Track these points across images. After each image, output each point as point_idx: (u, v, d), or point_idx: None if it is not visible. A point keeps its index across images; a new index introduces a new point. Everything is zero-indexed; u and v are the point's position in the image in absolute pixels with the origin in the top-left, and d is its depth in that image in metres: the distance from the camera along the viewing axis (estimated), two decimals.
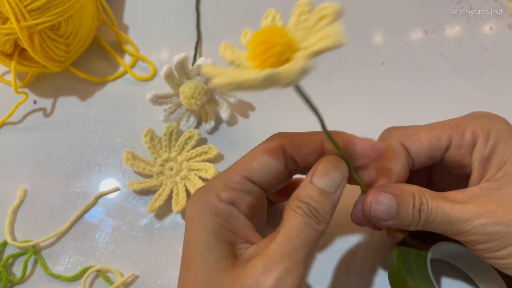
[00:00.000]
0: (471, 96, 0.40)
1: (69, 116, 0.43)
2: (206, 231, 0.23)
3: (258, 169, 0.25)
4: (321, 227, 0.23)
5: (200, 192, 0.25)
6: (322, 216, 0.23)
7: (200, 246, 0.23)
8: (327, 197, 0.23)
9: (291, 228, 0.22)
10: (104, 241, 0.37)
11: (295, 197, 0.23)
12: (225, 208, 0.24)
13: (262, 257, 0.22)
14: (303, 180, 0.24)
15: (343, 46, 0.17)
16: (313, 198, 0.23)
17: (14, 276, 0.36)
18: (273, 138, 0.26)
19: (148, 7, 0.48)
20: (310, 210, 0.22)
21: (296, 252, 0.21)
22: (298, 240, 0.22)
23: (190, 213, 0.24)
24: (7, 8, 0.35)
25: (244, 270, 0.22)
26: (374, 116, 0.40)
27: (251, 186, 0.25)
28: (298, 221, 0.22)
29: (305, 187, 0.23)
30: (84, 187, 0.39)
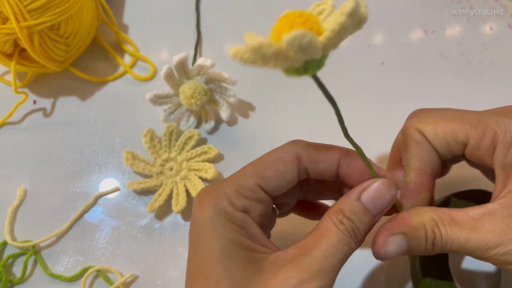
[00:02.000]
0: (471, 96, 0.40)
1: (69, 116, 0.43)
2: (225, 239, 0.22)
3: (272, 178, 0.24)
4: (355, 246, 0.22)
5: (211, 196, 0.23)
6: (362, 236, 0.22)
7: (219, 253, 0.22)
8: (370, 219, 0.23)
9: (330, 245, 0.21)
10: (104, 241, 0.37)
11: (338, 210, 0.23)
12: (241, 216, 0.23)
13: (296, 268, 0.21)
14: (349, 193, 0.23)
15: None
16: (358, 216, 0.22)
17: (14, 276, 0.36)
18: (290, 147, 0.25)
19: (148, 7, 0.48)
20: (353, 228, 0.22)
21: (332, 270, 0.21)
22: (335, 259, 0.21)
23: (203, 218, 0.23)
24: (7, 8, 0.35)
25: (274, 278, 0.21)
26: (374, 116, 0.40)
27: (263, 195, 0.24)
28: (338, 239, 0.22)
29: (352, 202, 0.23)
30: (84, 187, 0.39)
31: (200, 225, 0.23)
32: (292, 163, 0.24)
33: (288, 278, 0.21)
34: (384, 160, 0.38)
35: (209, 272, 0.22)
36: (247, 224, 0.23)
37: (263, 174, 0.24)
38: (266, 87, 0.42)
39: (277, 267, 0.21)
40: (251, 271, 0.21)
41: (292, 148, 0.25)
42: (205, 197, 0.23)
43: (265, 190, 0.24)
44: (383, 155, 0.38)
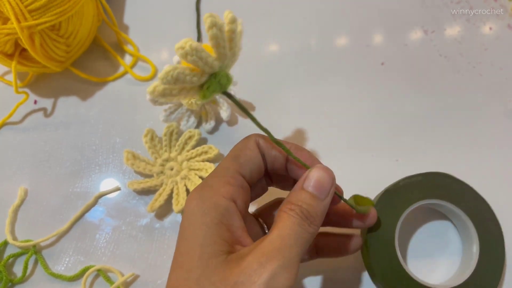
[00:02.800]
0: (471, 96, 0.40)
1: (70, 116, 0.43)
2: (204, 226, 0.23)
3: (245, 164, 0.26)
4: (311, 229, 0.23)
5: (198, 190, 0.25)
6: (314, 218, 0.24)
7: (195, 241, 0.23)
8: (318, 202, 0.24)
9: (284, 228, 0.23)
10: (105, 240, 0.37)
11: (287, 201, 0.24)
12: (224, 203, 0.24)
13: (255, 254, 0.22)
14: (294, 187, 0.25)
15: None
16: (305, 201, 0.24)
17: (15, 276, 0.36)
18: (250, 136, 0.27)
19: (148, 7, 0.48)
20: (302, 211, 0.23)
21: (290, 250, 0.22)
22: (291, 240, 0.22)
23: (188, 210, 0.24)
24: (8, 8, 0.35)
25: (237, 267, 0.22)
26: (374, 115, 0.40)
27: (242, 181, 0.26)
28: (291, 222, 0.23)
29: (297, 192, 0.24)
30: (85, 187, 0.39)
31: (185, 216, 0.24)
32: (256, 149, 0.27)
33: (248, 263, 0.21)
34: (382, 158, 0.38)
35: (183, 261, 0.23)
36: (230, 213, 0.24)
37: (238, 161, 0.26)
38: (266, 87, 0.42)
39: (242, 257, 0.22)
40: (220, 260, 0.22)
41: (252, 137, 0.27)
42: (193, 191, 0.25)
43: (243, 176, 0.26)
44: (382, 155, 0.38)
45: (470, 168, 0.37)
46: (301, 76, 0.42)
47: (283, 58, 0.44)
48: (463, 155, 0.38)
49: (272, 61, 0.43)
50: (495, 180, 0.37)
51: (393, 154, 0.38)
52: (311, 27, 0.45)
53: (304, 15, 0.46)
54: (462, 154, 0.38)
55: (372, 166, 0.38)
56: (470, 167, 0.37)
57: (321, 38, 0.44)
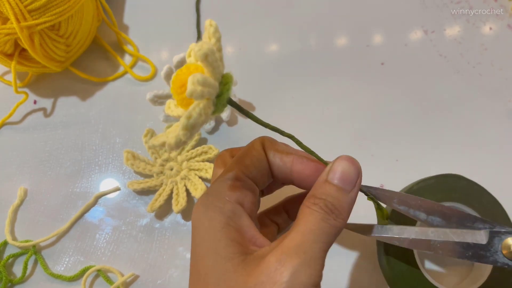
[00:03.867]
0: (471, 96, 0.40)
1: (69, 116, 0.43)
2: (211, 230, 0.22)
3: (251, 165, 0.25)
4: (338, 223, 0.22)
5: (203, 197, 0.24)
6: (339, 211, 0.22)
7: (207, 247, 0.22)
8: (344, 195, 0.23)
9: (306, 224, 0.21)
10: (104, 241, 0.37)
11: (310, 196, 0.23)
12: (230, 207, 0.23)
13: (275, 253, 0.21)
14: (317, 180, 0.24)
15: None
16: (330, 195, 0.22)
17: (15, 276, 0.36)
18: (258, 139, 0.27)
19: (148, 7, 0.48)
20: (327, 205, 0.22)
21: (311, 246, 0.21)
22: (313, 235, 0.21)
23: (195, 218, 0.23)
24: (7, 8, 0.35)
25: (257, 267, 0.21)
26: (373, 116, 0.40)
27: (250, 183, 0.25)
28: (314, 217, 0.22)
29: (321, 185, 0.23)
30: (84, 187, 0.39)
31: (193, 226, 0.24)
32: (261, 150, 0.26)
33: (268, 263, 0.20)
34: (382, 158, 0.38)
35: (200, 269, 0.22)
36: (237, 215, 0.23)
37: (244, 163, 0.25)
38: (266, 87, 0.42)
39: (261, 257, 0.21)
40: (238, 261, 0.21)
41: (258, 139, 0.26)
42: (199, 200, 0.24)
43: (249, 178, 0.25)
44: (382, 154, 0.38)
45: (470, 168, 0.37)
46: (301, 76, 0.42)
47: (283, 58, 0.44)
48: (463, 155, 0.38)
49: (272, 61, 0.43)
50: (495, 180, 0.37)
51: (393, 154, 0.38)
52: (311, 27, 0.45)
53: (304, 15, 0.46)
54: (462, 154, 0.38)
55: (371, 166, 0.38)
56: (470, 167, 0.37)
57: (321, 38, 0.44)
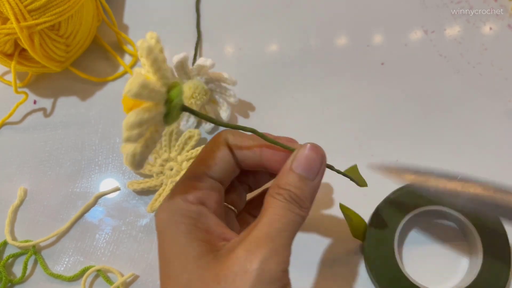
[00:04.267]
0: (471, 96, 0.40)
1: (69, 116, 0.43)
2: (178, 235, 0.22)
3: (214, 165, 0.25)
4: (302, 212, 0.22)
5: (165, 201, 0.24)
6: (303, 201, 0.23)
7: (175, 250, 0.22)
8: (307, 184, 0.23)
9: (272, 213, 0.22)
10: (104, 241, 0.37)
11: (274, 185, 0.23)
12: (194, 209, 0.23)
13: (244, 243, 0.21)
14: (282, 168, 0.24)
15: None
16: (293, 185, 0.22)
17: (14, 276, 0.36)
18: (219, 134, 0.26)
19: (148, 7, 0.48)
20: (290, 196, 0.22)
21: (279, 235, 0.21)
22: (280, 224, 0.21)
23: (159, 223, 0.23)
24: (7, 8, 0.35)
25: (227, 260, 0.21)
26: (373, 116, 0.40)
27: (212, 182, 0.25)
28: (279, 207, 0.22)
29: (285, 174, 0.23)
30: (84, 187, 0.39)
31: (158, 230, 0.23)
32: (224, 147, 0.25)
33: (237, 254, 0.21)
34: (382, 158, 0.38)
35: (169, 271, 0.22)
36: (203, 216, 0.23)
37: (206, 163, 0.25)
38: (266, 87, 0.42)
39: (231, 250, 0.21)
40: (208, 259, 0.22)
41: (221, 135, 0.26)
42: (161, 204, 0.24)
43: (213, 178, 0.25)
44: (382, 154, 0.38)
45: (470, 169, 0.37)
46: (301, 76, 0.42)
47: (283, 58, 0.44)
48: (463, 156, 0.38)
49: (272, 61, 0.43)
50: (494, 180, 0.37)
51: (393, 154, 0.38)
52: (311, 27, 0.45)
53: (304, 15, 0.46)
54: (462, 155, 0.38)
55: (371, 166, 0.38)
56: (470, 167, 0.37)
57: (321, 38, 0.44)
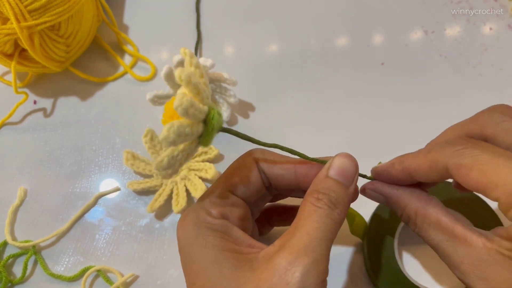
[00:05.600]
0: (471, 97, 0.40)
1: (69, 116, 0.43)
2: (210, 247, 0.22)
3: (239, 183, 0.25)
4: (340, 217, 0.22)
5: (189, 214, 0.24)
6: (342, 206, 0.23)
7: (208, 262, 0.22)
8: (344, 190, 0.23)
9: (311, 221, 0.22)
10: (104, 241, 0.37)
11: (313, 191, 0.23)
12: (218, 222, 0.23)
13: (283, 253, 0.21)
14: (317, 177, 0.24)
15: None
16: (333, 189, 0.23)
17: (14, 276, 0.36)
18: (249, 153, 0.26)
19: (148, 7, 0.48)
20: (331, 200, 0.22)
21: (319, 245, 0.21)
22: (320, 233, 0.21)
23: (186, 236, 0.23)
24: (7, 8, 0.35)
25: (266, 269, 0.21)
26: (374, 116, 0.40)
27: (235, 199, 0.25)
28: (318, 214, 0.22)
29: (323, 181, 0.23)
30: (84, 187, 0.39)
31: (185, 243, 0.23)
32: (253, 167, 0.26)
33: (278, 263, 0.20)
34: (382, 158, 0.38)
35: (203, 282, 0.22)
36: (228, 229, 0.23)
37: (230, 181, 0.25)
38: (266, 87, 0.42)
39: (267, 259, 0.21)
40: (243, 270, 0.21)
41: (252, 153, 0.26)
42: (185, 217, 0.24)
43: (236, 195, 0.25)
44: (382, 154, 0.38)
45: None
46: (301, 76, 0.42)
47: (283, 58, 0.43)
48: None
49: (272, 61, 0.43)
50: None
51: (393, 154, 0.38)
52: (311, 27, 0.45)
53: (304, 15, 0.46)
54: None
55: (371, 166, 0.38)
56: None
57: (321, 38, 0.44)
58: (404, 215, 0.25)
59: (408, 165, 0.25)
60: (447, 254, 0.22)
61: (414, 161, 0.24)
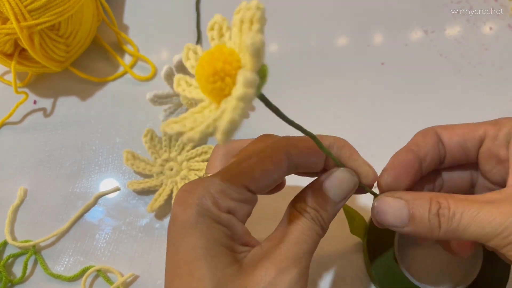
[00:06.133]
0: (471, 96, 0.40)
1: (69, 116, 0.43)
2: (209, 238, 0.22)
3: (260, 178, 0.23)
4: (322, 233, 0.23)
5: (194, 195, 0.22)
6: (326, 223, 0.23)
7: (203, 252, 0.21)
8: (332, 207, 0.23)
9: (299, 232, 0.22)
10: (104, 241, 0.37)
11: (302, 199, 0.23)
12: (226, 218, 0.22)
13: (273, 260, 0.21)
14: (313, 182, 0.24)
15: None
16: (321, 206, 0.23)
17: (14, 276, 0.36)
18: (279, 146, 0.24)
19: (148, 7, 0.48)
20: (317, 217, 0.23)
21: (305, 257, 0.22)
22: (306, 246, 0.22)
23: (185, 218, 0.22)
24: (7, 8, 0.35)
25: (255, 274, 0.21)
26: (374, 116, 0.40)
27: (249, 195, 0.23)
28: (306, 227, 0.22)
29: (315, 192, 0.23)
30: (84, 187, 0.39)
31: (182, 224, 0.22)
32: (282, 162, 0.24)
33: (266, 270, 0.21)
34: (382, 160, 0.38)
35: (191, 270, 0.21)
36: (233, 225, 0.22)
37: (250, 175, 0.23)
38: (265, 87, 0.42)
39: (255, 262, 0.22)
40: (233, 269, 0.21)
41: (282, 146, 0.24)
42: (188, 196, 0.22)
43: (251, 191, 0.23)
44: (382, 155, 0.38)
45: None
46: (301, 76, 0.42)
47: (283, 58, 0.43)
48: None
49: (272, 61, 0.43)
50: None
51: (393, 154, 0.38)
52: (311, 27, 0.45)
53: (304, 15, 0.46)
54: None
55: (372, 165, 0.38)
56: None
57: (321, 38, 0.44)
58: (433, 203, 0.22)
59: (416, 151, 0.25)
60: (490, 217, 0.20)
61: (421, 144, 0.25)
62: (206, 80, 0.18)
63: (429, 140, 0.25)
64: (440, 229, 0.22)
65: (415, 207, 0.22)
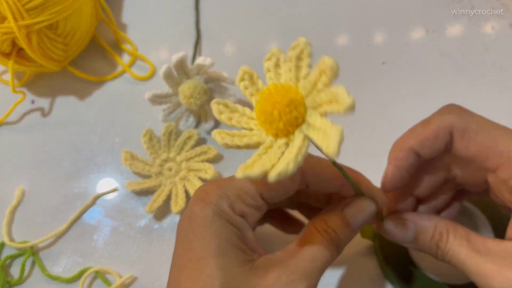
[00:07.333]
0: (472, 96, 0.40)
1: (68, 116, 0.42)
2: (222, 238, 0.23)
3: (275, 189, 0.24)
4: (336, 255, 0.24)
5: (212, 196, 0.23)
6: (341, 246, 0.25)
7: (215, 250, 0.22)
8: (350, 232, 0.25)
9: (316, 249, 0.23)
10: (103, 242, 0.36)
11: (323, 220, 0.25)
12: (239, 220, 0.24)
13: (286, 269, 0.22)
14: (334, 207, 0.25)
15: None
16: (341, 229, 0.24)
17: (12, 277, 0.36)
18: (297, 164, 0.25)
19: (147, 6, 0.48)
20: (335, 239, 0.24)
21: (317, 274, 0.23)
22: (320, 264, 0.23)
23: (202, 215, 0.23)
24: (5, 7, 0.35)
25: (265, 276, 0.22)
26: (374, 116, 0.40)
27: (261, 203, 0.25)
28: (324, 246, 0.24)
29: (336, 215, 0.25)
30: (83, 188, 0.39)
31: (198, 221, 0.23)
32: (296, 176, 0.25)
33: (278, 276, 0.22)
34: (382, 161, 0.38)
35: (202, 266, 0.22)
36: (244, 228, 0.24)
37: (266, 183, 0.23)
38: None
39: (267, 267, 0.23)
40: (244, 269, 0.22)
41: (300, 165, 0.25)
42: (207, 196, 0.24)
43: (264, 199, 0.24)
44: (382, 155, 0.38)
45: None
46: None
47: None
48: None
49: None
50: None
51: None
52: (311, 26, 0.45)
53: (304, 15, 0.45)
54: None
55: (371, 167, 0.38)
56: None
57: (321, 38, 0.44)
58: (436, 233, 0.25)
59: (413, 144, 0.26)
60: (475, 268, 0.23)
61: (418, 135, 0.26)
62: (282, 111, 0.19)
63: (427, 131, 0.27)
64: (437, 257, 0.25)
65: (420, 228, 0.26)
